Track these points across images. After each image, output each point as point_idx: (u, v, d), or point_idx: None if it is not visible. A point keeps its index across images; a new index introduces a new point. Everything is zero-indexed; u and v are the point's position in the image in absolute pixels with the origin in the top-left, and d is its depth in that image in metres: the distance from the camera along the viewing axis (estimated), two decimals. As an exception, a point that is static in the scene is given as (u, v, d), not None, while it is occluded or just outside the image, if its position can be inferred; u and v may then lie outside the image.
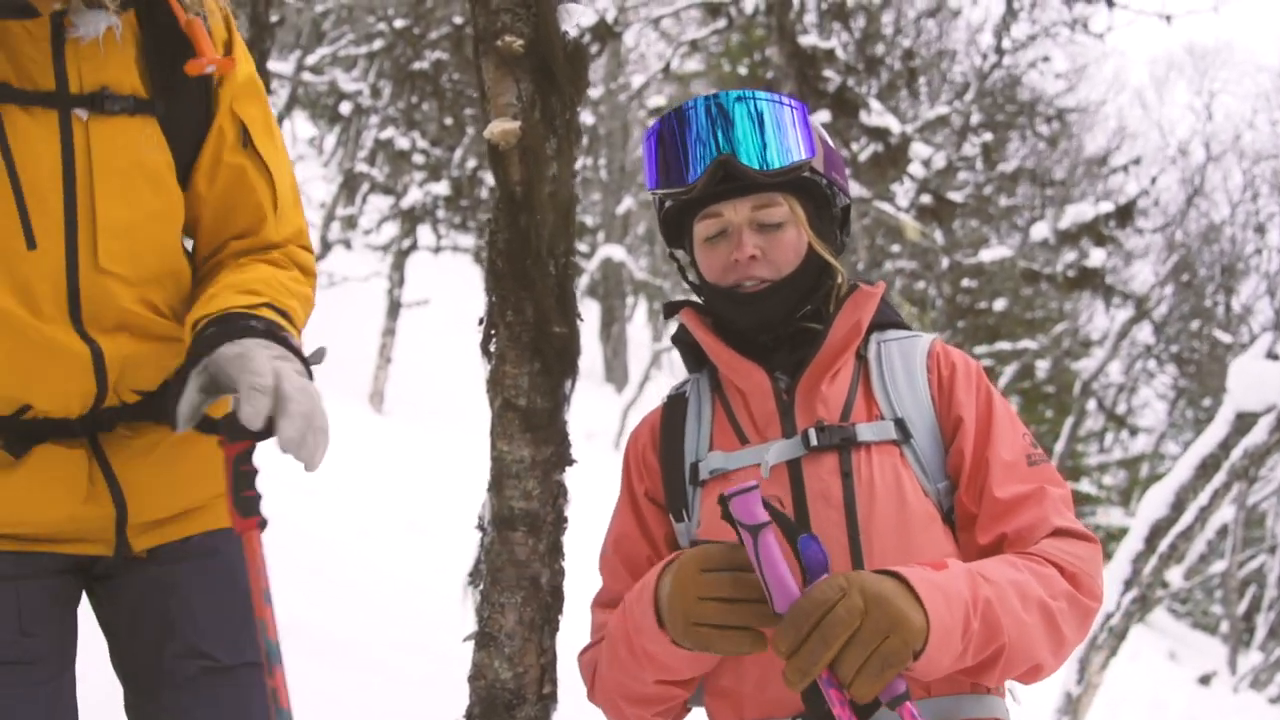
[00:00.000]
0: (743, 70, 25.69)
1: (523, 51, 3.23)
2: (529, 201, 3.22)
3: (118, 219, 2.50)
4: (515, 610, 3.25)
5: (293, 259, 2.78)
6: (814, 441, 2.60)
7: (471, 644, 3.33)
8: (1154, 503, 8.02)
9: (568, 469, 3.30)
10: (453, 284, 26.29)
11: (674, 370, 32.29)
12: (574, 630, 3.38)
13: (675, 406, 2.89)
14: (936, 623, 2.17)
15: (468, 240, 23.33)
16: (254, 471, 2.42)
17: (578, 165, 3.42)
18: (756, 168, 2.69)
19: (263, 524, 2.42)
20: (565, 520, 3.29)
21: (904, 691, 2.10)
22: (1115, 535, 22.46)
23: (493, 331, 3.29)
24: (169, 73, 2.58)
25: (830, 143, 2.85)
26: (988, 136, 23.00)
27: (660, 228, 3.01)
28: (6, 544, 2.56)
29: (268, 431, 2.34)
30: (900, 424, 2.64)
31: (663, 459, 2.82)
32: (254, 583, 2.39)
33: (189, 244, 2.79)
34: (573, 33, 3.31)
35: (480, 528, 3.33)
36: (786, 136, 2.72)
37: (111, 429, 2.63)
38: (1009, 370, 25.71)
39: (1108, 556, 8.89)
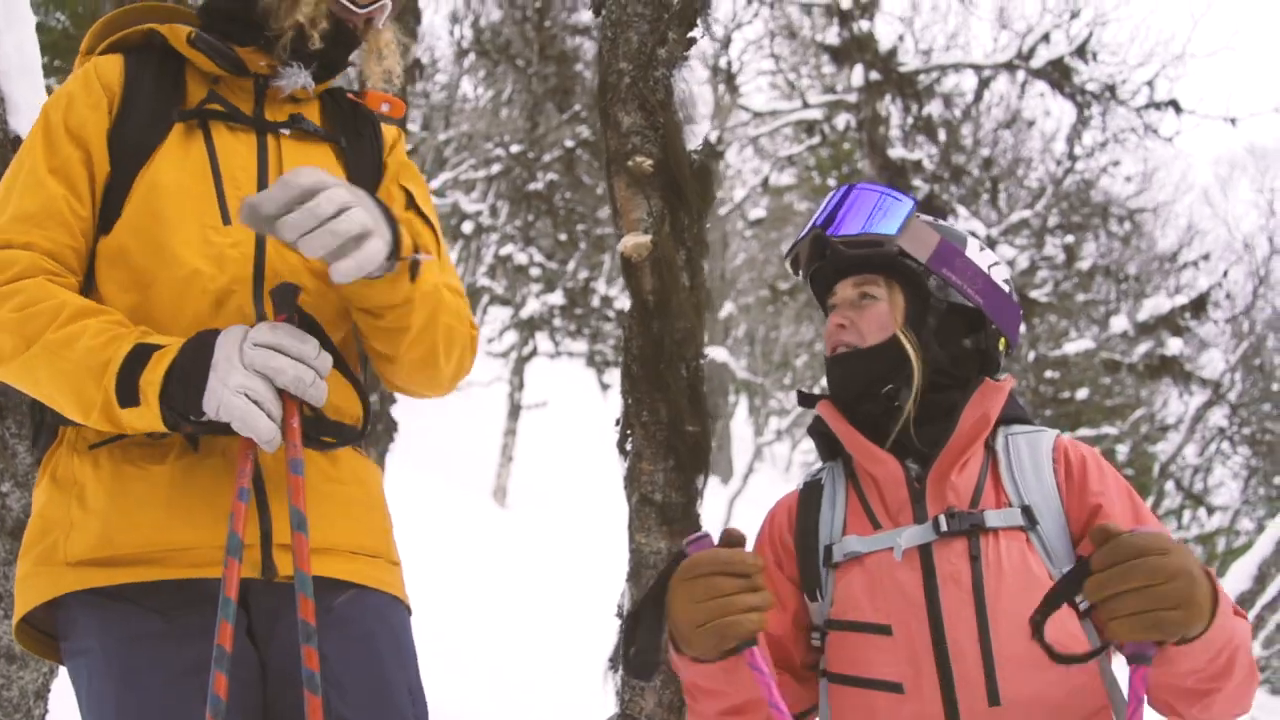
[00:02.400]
0: (832, 181, 25.75)
1: (652, 170, 3.25)
2: (661, 310, 3.23)
3: None
4: (655, 693, 3.22)
5: (460, 303, 2.78)
6: (944, 527, 2.58)
7: (614, 726, 3.31)
8: (1238, 576, 7.95)
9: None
10: (569, 387, 26.41)
11: (774, 463, 32.20)
12: (711, 712, 3.35)
13: (811, 492, 2.87)
14: (1212, 631, 2.16)
15: (581, 346, 23.43)
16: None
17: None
18: (835, 232, 2.77)
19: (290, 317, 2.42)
20: (701, 608, 3.26)
21: (1149, 655, 2.10)
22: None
23: (629, 431, 3.29)
24: (349, 126, 2.86)
25: (959, 245, 2.82)
26: (1069, 238, 22.85)
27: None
28: (158, 570, 2.46)
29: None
30: (1027, 511, 2.61)
31: (798, 541, 2.80)
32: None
33: None
34: (698, 152, 3.33)
35: (619, 615, 3.32)
36: (862, 212, 2.78)
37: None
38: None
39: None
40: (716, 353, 28.89)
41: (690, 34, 3.28)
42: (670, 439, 3.20)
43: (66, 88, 2.68)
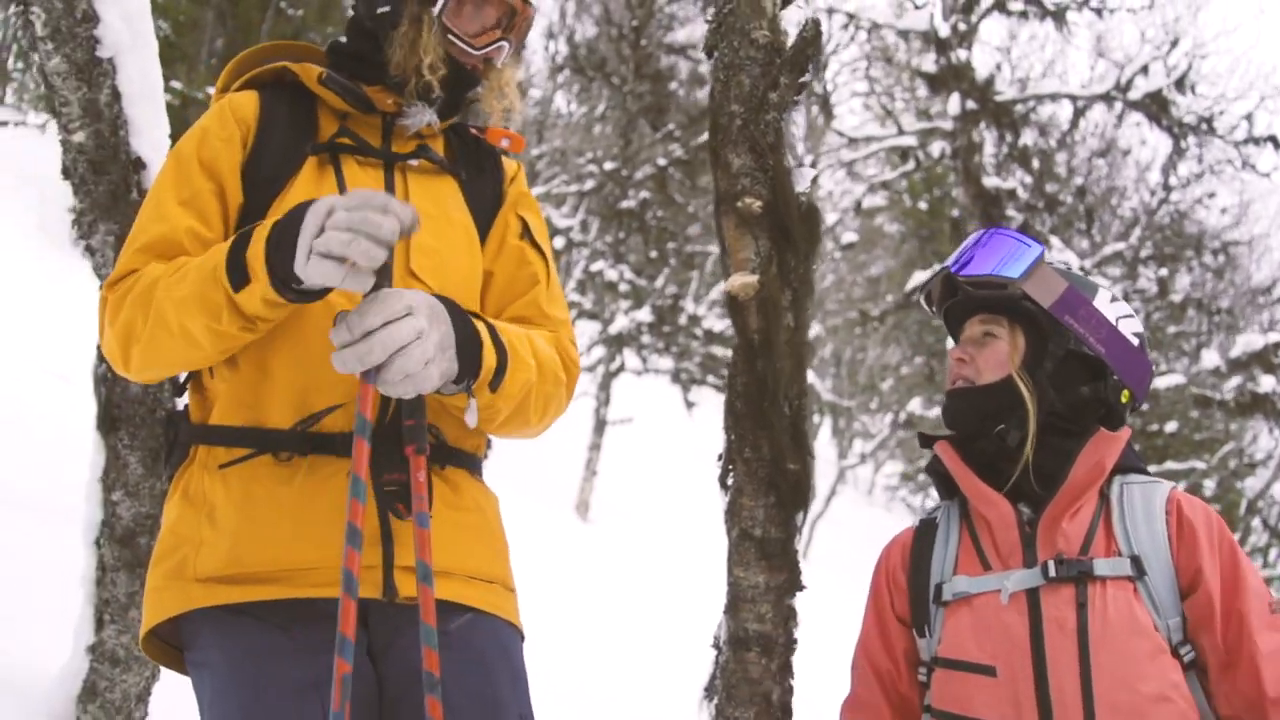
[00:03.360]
0: (923, 205, 25.66)
1: (761, 211, 3.31)
2: (766, 349, 3.28)
3: (427, 243, 2.73)
4: (750, 725, 3.28)
5: (561, 345, 2.85)
6: (1053, 573, 2.64)
7: (708, 755, 3.36)
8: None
9: (798, 593, 3.33)
10: (654, 404, 26.48)
11: (857, 485, 32.11)
12: (801, 740, 3.40)
13: (926, 530, 2.96)
14: None
15: (668, 363, 23.46)
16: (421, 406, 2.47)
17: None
18: (961, 272, 2.90)
19: (418, 449, 2.46)
20: (795, 641, 3.31)
21: None
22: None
23: (730, 467, 3.34)
24: (471, 160, 2.98)
25: (1088, 295, 2.88)
26: (1162, 271, 22.65)
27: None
28: (283, 589, 2.54)
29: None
30: (1136, 561, 2.66)
31: (910, 578, 2.88)
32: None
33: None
34: (805, 194, 3.37)
35: (716, 646, 3.38)
36: (992, 256, 2.84)
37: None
38: (1181, 485, 25.20)
39: None
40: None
41: (801, 79, 3.33)
42: (772, 476, 3.25)
43: (201, 123, 2.79)
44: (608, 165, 22.32)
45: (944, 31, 14.12)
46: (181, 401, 2.86)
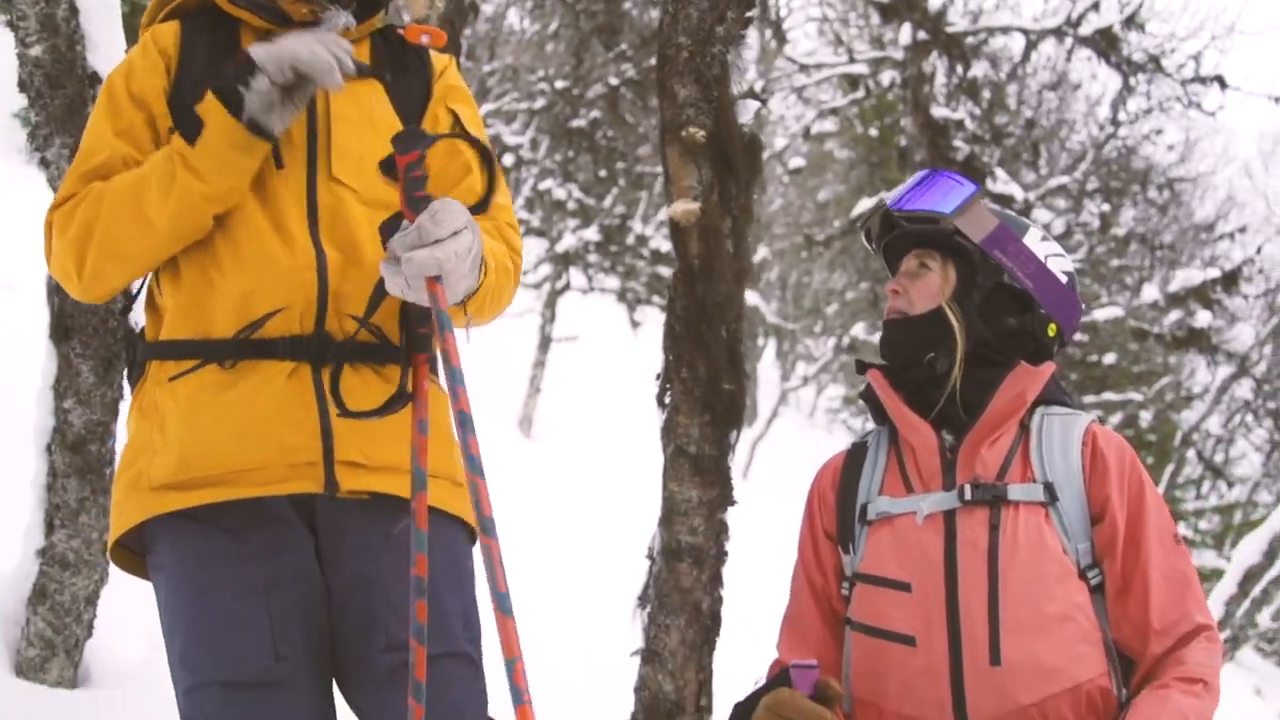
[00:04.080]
0: (874, 132, 25.68)
1: (704, 141, 3.42)
2: (706, 273, 3.40)
3: (348, 145, 2.80)
4: (679, 631, 3.42)
5: (502, 234, 2.92)
6: (968, 496, 2.77)
7: (638, 659, 3.50)
8: (1249, 549, 8.05)
9: (730, 508, 3.47)
10: (600, 322, 26.49)
11: (799, 408, 32.29)
12: (730, 650, 3.54)
13: (857, 453, 3.08)
14: None
15: (614, 282, 23.52)
16: (425, 176, 2.56)
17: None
18: (895, 206, 3.02)
19: (426, 356, 2.62)
20: (726, 553, 3.45)
21: None
22: (1208, 576, 22.11)
23: (668, 386, 3.47)
24: (397, 59, 2.98)
25: (1017, 232, 3.00)
26: (1105, 205, 22.83)
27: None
28: (229, 490, 2.63)
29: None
30: (1049, 488, 2.78)
31: (839, 498, 3.00)
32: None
33: None
34: (748, 125, 3.49)
35: (649, 557, 3.52)
36: (928, 194, 2.98)
37: (331, 364, 2.70)
38: (1114, 420, 25.47)
39: (1205, 601, 8.89)
40: (747, 296, 28.98)
41: (747, 14, 3.43)
42: (707, 396, 3.39)
43: (129, 56, 2.87)
44: (559, 84, 22.23)
45: (897, -40, 14.15)
46: (139, 322, 2.96)
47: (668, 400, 3.47)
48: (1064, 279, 3.01)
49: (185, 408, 2.68)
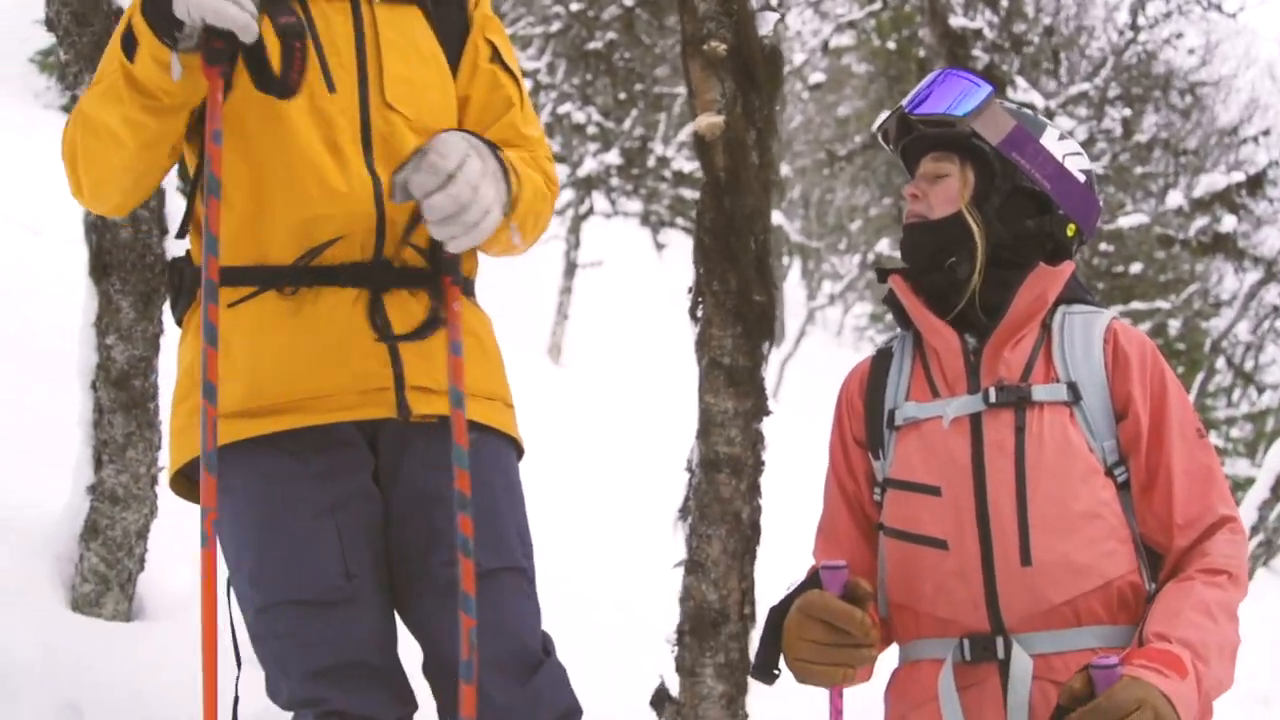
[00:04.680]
0: (891, 44, 25.52)
1: (726, 54, 3.45)
2: (732, 186, 3.44)
3: (398, 71, 2.83)
4: (720, 541, 3.49)
5: (539, 165, 2.95)
6: (993, 398, 2.79)
7: (681, 570, 3.57)
8: (1277, 454, 8.08)
9: (765, 419, 3.53)
10: (625, 246, 26.46)
11: (826, 327, 32.28)
12: (771, 559, 3.61)
13: (882, 359, 3.08)
14: None
15: (637, 206, 23.49)
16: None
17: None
18: (914, 110, 2.97)
19: (224, 74, 2.61)
20: (763, 463, 3.51)
21: None
22: (1242, 484, 22.14)
23: (700, 299, 3.52)
24: None
25: (1034, 132, 2.99)
26: (1126, 111, 22.69)
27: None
28: (301, 417, 2.69)
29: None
30: (1073, 387, 2.80)
31: (866, 404, 3.02)
32: None
33: None
34: (769, 37, 3.51)
35: (688, 469, 3.58)
36: (944, 96, 2.96)
37: (392, 289, 2.77)
38: (1143, 328, 25.39)
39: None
40: (772, 215, 28.90)
41: (767, -77, 3.45)
42: (739, 307, 3.43)
43: None
44: (574, 6, 22.09)
45: None
46: (182, 246, 3.00)
47: (700, 314, 3.52)
48: (1082, 178, 3.00)
49: (250, 334, 2.72)
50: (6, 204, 10.35)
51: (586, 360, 20.53)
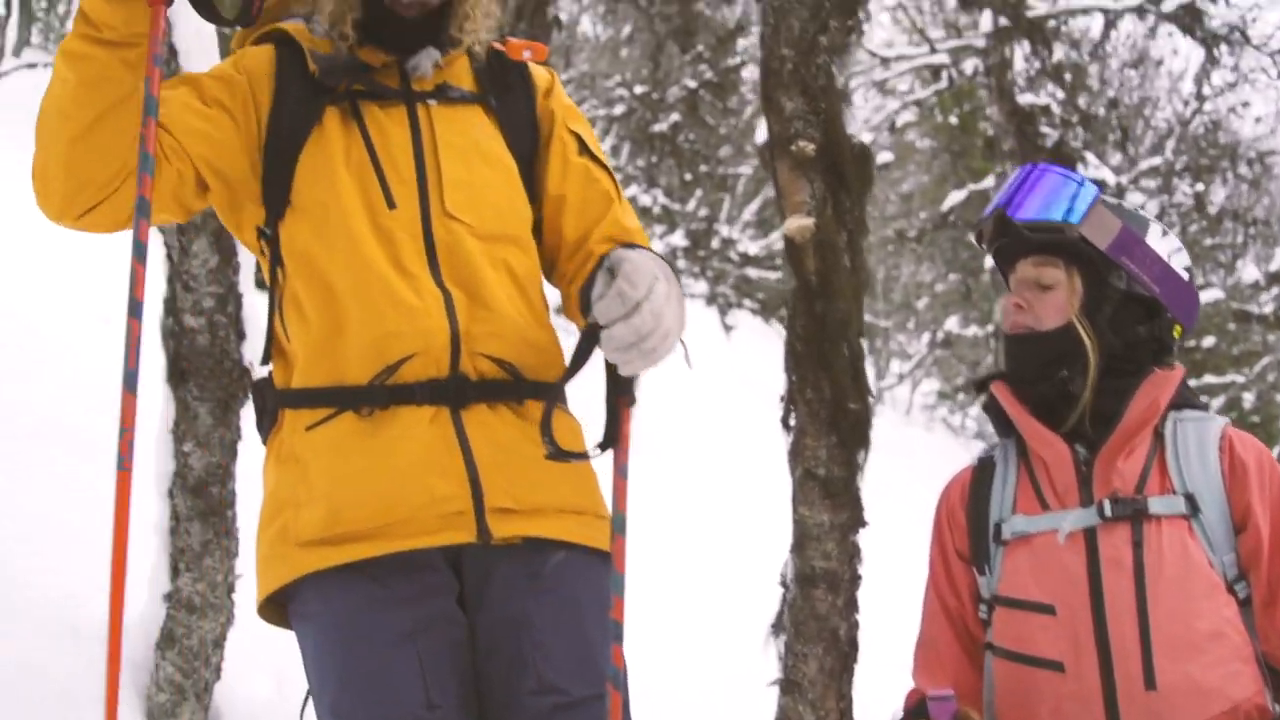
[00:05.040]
0: (954, 119, 25.47)
1: (814, 154, 3.36)
2: (824, 290, 3.35)
3: (457, 176, 2.73)
4: (817, 660, 3.38)
5: None
6: (1109, 512, 2.69)
7: (775, 690, 3.45)
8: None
9: (861, 530, 3.42)
10: (692, 328, 26.31)
11: (895, 406, 31.99)
12: (869, 677, 3.49)
13: (985, 469, 2.99)
14: None
15: (703, 287, 23.45)
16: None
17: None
18: (1018, 216, 2.87)
19: (630, 401, 2.54)
20: (859, 577, 3.40)
21: None
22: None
23: (792, 407, 3.42)
24: (498, 81, 2.89)
25: (1140, 232, 2.88)
26: (1199, 186, 22.50)
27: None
28: (381, 544, 2.60)
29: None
30: (1190, 499, 2.70)
31: (970, 517, 2.92)
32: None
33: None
34: (857, 136, 3.43)
35: (783, 584, 3.47)
36: (1049, 199, 2.84)
37: (470, 404, 2.67)
38: (1217, 403, 25.11)
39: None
40: (836, 294, 28.78)
41: (850, 21, 3.37)
42: (833, 416, 3.34)
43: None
44: (638, 89, 22.21)
45: (974, -53, 13.98)
46: (249, 359, 2.94)
47: (793, 422, 3.43)
48: (1185, 276, 2.91)
49: (327, 458, 2.66)
50: (77, 292, 10.41)
51: (655, 450, 20.39)
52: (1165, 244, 2.92)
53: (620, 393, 2.55)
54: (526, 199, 2.85)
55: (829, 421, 3.34)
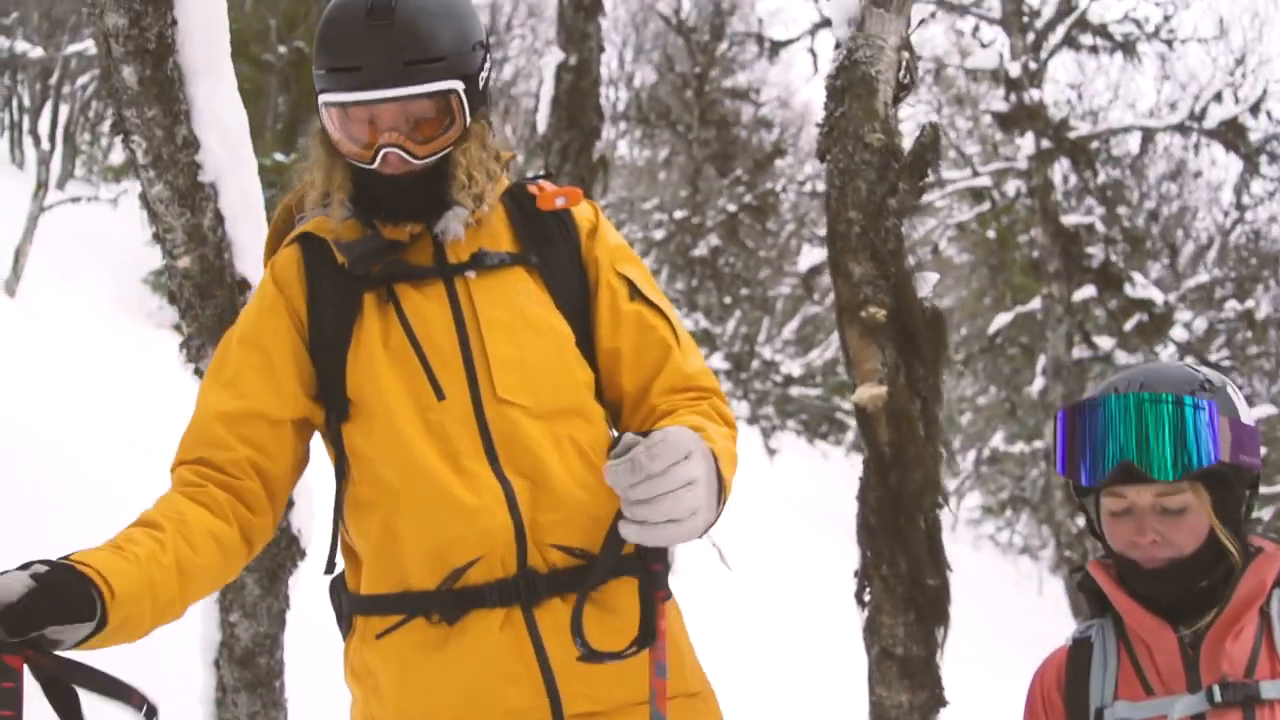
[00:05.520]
0: (991, 233, 25.47)
1: (885, 320, 3.24)
2: (898, 460, 3.22)
3: (507, 356, 2.57)
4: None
5: (719, 411, 2.69)
6: (1219, 698, 2.54)
7: None
8: None
9: (942, 711, 3.26)
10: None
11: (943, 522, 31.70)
12: None
13: (1081, 650, 2.82)
14: None
15: (745, 409, 23.39)
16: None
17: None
18: (1158, 477, 2.61)
19: (665, 596, 2.42)
20: (942, 759, 3.25)
21: None
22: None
23: (867, 584, 3.28)
24: (537, 232, 2.72)
25: (1243, 417, 2.72)
26: (1250, 303, 22.35)
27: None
28: None
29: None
30: None
31: (1068, 702, 2.77)
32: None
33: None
34: (928, 299, 3.31)
35: (860, 770, 3.31)
36: (1194, 443, 2.63)
37: (543, 600, 2.52)
38: (1267, 513, 24.84)
39: None
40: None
41: (922, 182, 3.27)
42: (910, 592, 3.20)
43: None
44: (677, 214, 22.35)
45: (1014, 71, 14.00)
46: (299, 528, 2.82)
47: (867, 598, 3.27)
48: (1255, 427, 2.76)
49: (397, 671, 2.54)
50: (119, 423, 10.38)
51: (700, 575, 20.21)
52: (1244, 406, 2.77)
53: (654, 586, 2.42)
54: (583, 362, 2.68)
55: (906, 598, 3.19)
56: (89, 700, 2.15)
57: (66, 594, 2.07)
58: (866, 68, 3.35)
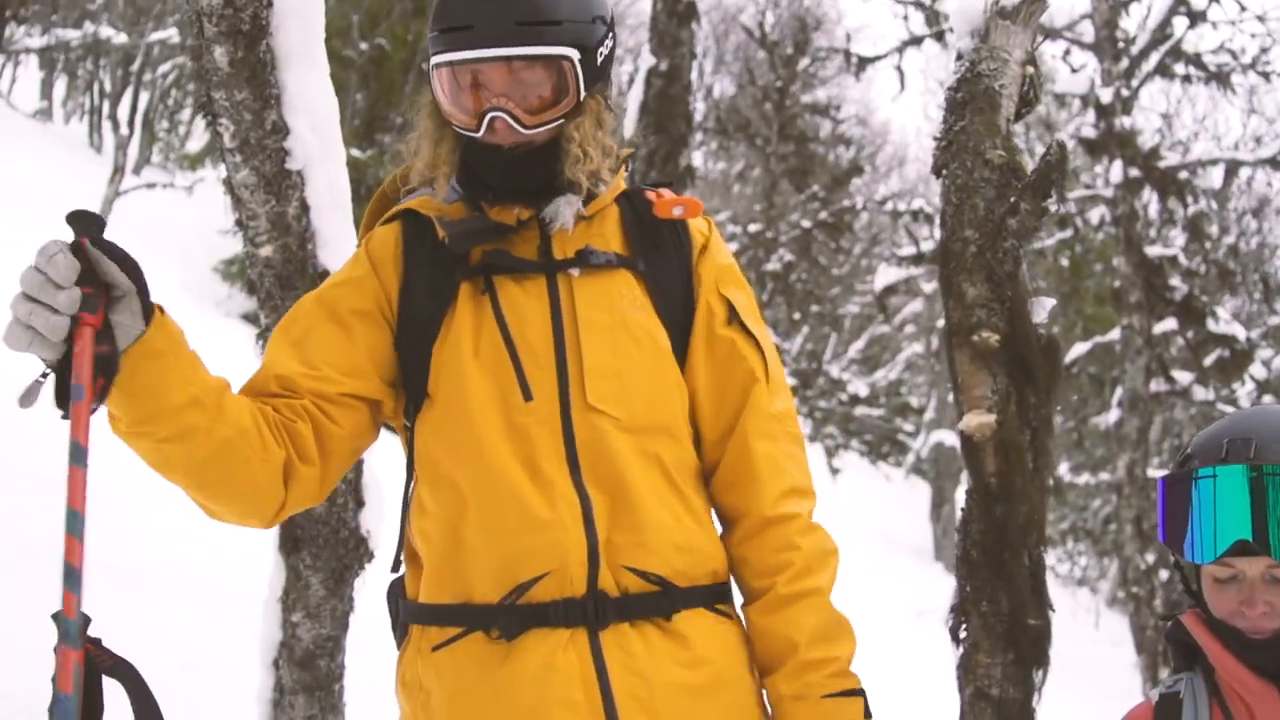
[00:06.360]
0: (1064, 261, 25.19)
1: (998, 346, 3.10)
2: (1005, 493, 3.08)
3: (603, 362, 2.45)
4: None
5: (815, 545, 2.60)
6: None
7: None
8: None
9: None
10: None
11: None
12: None
13: (1169, 705, 2.66)
14: None
15: (809, 428, 23.27)
16: None
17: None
18: (1277, 558, 2.45)
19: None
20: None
21: None
22: None
23: (964, 619, 3.13)
24: (648, 238, 2.59)
25: None
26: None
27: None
28: None
29: None
30: None
31: None
32: None
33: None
34: (1044, 326, 3.16)
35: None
36: None
37: (609, 624, 2.39)
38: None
39: None
40: (944, 435, 28.42)
41: (1045, 202, 3.11)
42: (1010, 631, 3.05)
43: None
44: (751, 227, 22.23)
45: (1106, 97, 13.78)
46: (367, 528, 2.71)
47: (963, 634, 3.12)
48: None
49: (450, 689, 2.41)
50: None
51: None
52: None
53: None
54: (680, 379, 2.55)
55: (1005, 637, 3.04)
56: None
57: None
58: (989, 81, 3.21)
